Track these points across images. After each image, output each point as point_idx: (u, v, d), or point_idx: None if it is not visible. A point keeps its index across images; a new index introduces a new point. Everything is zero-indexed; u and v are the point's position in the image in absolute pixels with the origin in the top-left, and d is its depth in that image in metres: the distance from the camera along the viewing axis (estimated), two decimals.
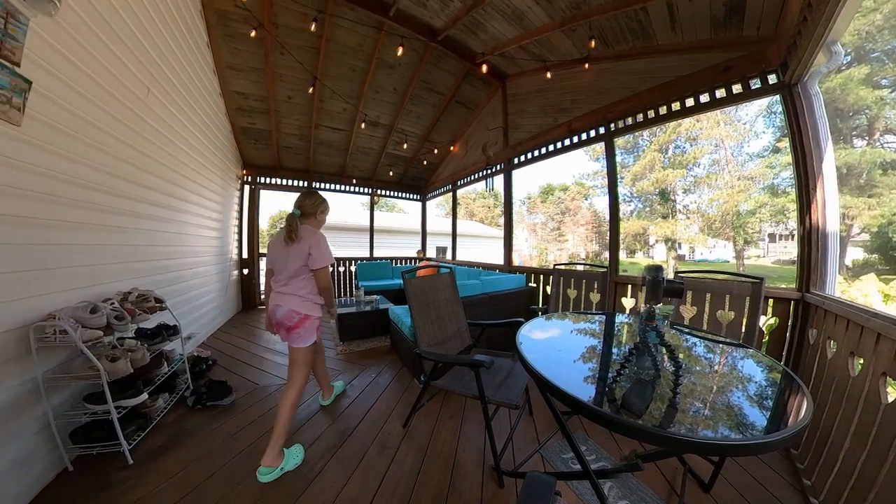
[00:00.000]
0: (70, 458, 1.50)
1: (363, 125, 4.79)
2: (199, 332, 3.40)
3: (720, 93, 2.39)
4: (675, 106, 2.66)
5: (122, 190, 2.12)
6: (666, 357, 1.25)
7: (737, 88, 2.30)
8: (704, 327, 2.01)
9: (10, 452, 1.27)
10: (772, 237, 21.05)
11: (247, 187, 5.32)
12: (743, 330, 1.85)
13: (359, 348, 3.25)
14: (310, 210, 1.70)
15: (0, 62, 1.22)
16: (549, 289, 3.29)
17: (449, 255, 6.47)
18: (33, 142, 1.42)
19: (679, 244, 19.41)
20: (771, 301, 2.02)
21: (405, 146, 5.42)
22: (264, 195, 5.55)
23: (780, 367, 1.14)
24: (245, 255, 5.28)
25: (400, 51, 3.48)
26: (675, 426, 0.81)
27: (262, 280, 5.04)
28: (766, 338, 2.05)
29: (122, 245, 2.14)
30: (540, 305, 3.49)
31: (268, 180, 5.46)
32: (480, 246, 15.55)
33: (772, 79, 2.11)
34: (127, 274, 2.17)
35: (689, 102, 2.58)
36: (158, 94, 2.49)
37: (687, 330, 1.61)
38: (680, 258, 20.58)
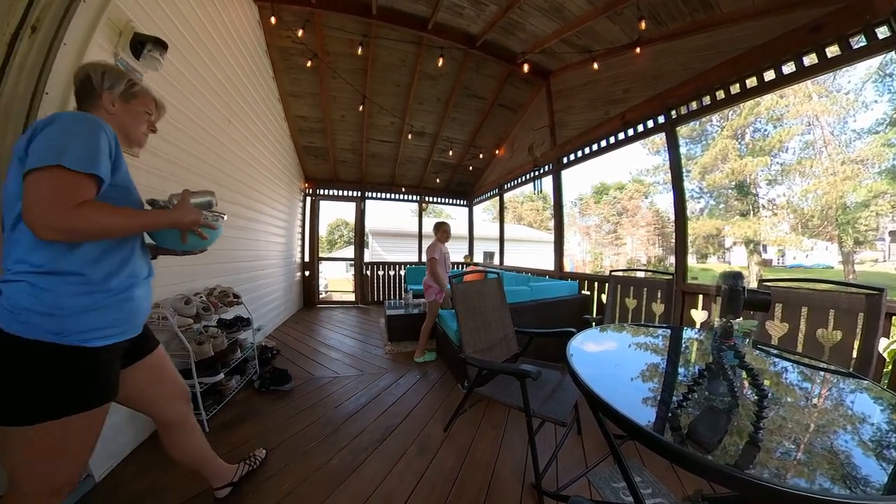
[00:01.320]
0: None
1: (409, 136, 4.99)
2: (267, 325, 3.83)
3: (809, 59, 1.96)
4: (750, 82, 2.24)
5: None
6: (746, 382, 1.08)
7: (832, 51, 1.87)
8: (799, 349, 1.69)
9: (124, 409, 1.58)
10: (894, 235, 17.03)
11: (308, 199, 5.88)
12: (854, 355, 1.51)
13: (405, 349, 3.35)
14: (434, 232, 3.19)
15: None
16: (604, 297, 3.07)
17: (496, 260, 6.39)
18: (146, 168, 1.76)
19: (764, 247, 16.67)
20: (895, 319, 1.64)
21: (450, 153, 5.51)
22: (323, 205, 6.09)
23: None
24: (307, 259, 5.81)
25: (440, 62, 3.58)
26: (755, 468, 0.69)
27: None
28: (889, 367, 1.66)
29: (210, 249, 2.52)
30: (594, 315, 3.26)
31: (326, 192, 5.99)
32: (529, 251, 15.05)
33: (882, 32, 1.66)
34: (212, 273, 2.56)
35: (769, 76, 2.15)
36: (237, 124, 2.91)
37: (775, 352, 1.38)
38: (765, 263, 17.70)
